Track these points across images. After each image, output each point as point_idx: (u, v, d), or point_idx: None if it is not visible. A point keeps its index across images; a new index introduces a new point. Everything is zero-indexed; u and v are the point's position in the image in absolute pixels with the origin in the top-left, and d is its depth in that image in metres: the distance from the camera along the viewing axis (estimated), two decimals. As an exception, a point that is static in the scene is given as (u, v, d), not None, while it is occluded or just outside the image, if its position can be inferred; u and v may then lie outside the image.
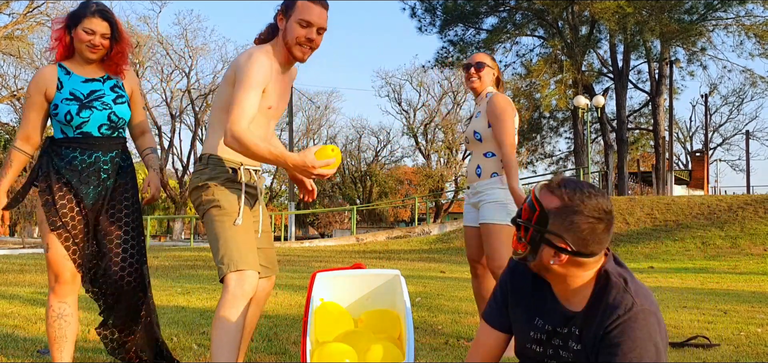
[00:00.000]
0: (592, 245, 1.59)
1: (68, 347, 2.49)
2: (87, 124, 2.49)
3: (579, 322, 1.65)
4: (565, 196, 1.59)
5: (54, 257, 2.45)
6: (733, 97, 39.94)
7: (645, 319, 1.54)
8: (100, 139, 2.52)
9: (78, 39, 2.48)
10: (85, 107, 2.48)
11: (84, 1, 2.51)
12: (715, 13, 22.03)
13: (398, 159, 42.36)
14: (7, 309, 4.73)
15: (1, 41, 25.75)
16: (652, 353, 1.52)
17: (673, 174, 24.81)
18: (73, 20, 2.49)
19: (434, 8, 25.05)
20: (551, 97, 23.62)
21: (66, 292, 2.48)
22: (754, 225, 14.37)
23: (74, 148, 2.49)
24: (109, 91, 2.56)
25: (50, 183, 2.48)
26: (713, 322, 4.36)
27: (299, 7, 2.40)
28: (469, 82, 3.42)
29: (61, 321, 2.48)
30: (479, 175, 3.34)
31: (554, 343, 1.70)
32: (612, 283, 1.62)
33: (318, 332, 2.67)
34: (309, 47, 2.42)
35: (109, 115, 2.52)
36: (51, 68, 2.52)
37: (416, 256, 14.51)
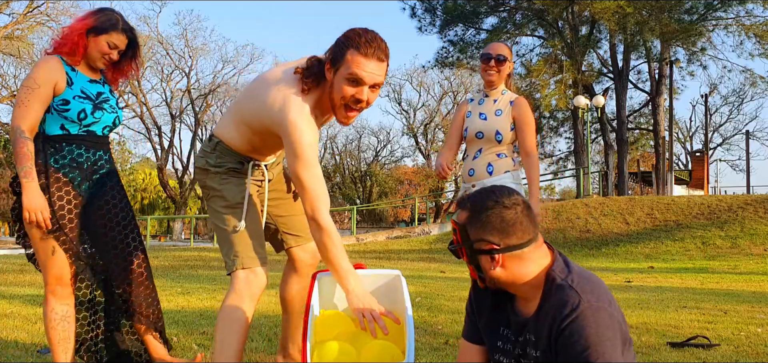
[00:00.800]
0: (516, 233, 1.65)
1: (70, 348, 2.50)
2: (95, 124, 2.52)
3: (531, 327, 1.67)
4: (468, 204, 1.71)
5: (58, 259, 2.43)
6: (733, 97, 39.96)
7: (594, 315, 1.54)
8: (102, 139, 2.57)
9: (97, 48, 2.48)
10: (97, 108, 2.51)
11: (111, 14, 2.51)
12: (715, 13, 22.04)
13: (398, 159, 42.39)
14: (7, 309, 4.73)
15: (1, 41, 25.75)
16: (607, 347, 1.51)
17: (673, 174, 24.80)
18: (97, 29, 2.47)
19: (434, 8, 25.05)
20: (551, 97, 23.62)
21: (67, 293, 2.48)
22: (754, 225, 14.38)
23: (79, 145, 2.49)
24: (110, 94, 2.61)
25: (48, 182, 2.42)
26: (713, 322, 4.36)
27: (348, 60, 2.03)
28: (488, 73, 3.31)
29: (65, 323, 2.46)
30: (490, 173, 3.27)
31: (516, 352, 1.72)
32: (557, 283, 1.64)
33: (318, 328, 2.67)
34: (357, 110, 2.08)
35: (114, 119, 2.60)
36: (57, 60, 2.45)
37: (416, 256, 14.52)
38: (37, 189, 2.34)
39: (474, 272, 1.75)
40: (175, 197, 34.49)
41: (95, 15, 2.50)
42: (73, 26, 2.49)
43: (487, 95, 3.36)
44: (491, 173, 3.27)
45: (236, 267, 2.26)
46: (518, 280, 1.67)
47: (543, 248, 1.71)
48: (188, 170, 35.99)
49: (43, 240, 2.42)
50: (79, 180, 2.48)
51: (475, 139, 3.31)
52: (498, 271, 1.67)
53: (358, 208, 29.17)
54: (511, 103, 3.30)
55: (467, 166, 3.36)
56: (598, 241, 15.29)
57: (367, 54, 2.01)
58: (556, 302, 1.60)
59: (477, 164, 3.31)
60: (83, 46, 2.47)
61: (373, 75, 2.03)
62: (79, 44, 2.46)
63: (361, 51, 2.02)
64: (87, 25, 2.48)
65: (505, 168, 3.27)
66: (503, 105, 3.30)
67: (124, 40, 2.54)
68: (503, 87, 3.36)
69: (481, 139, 3.29)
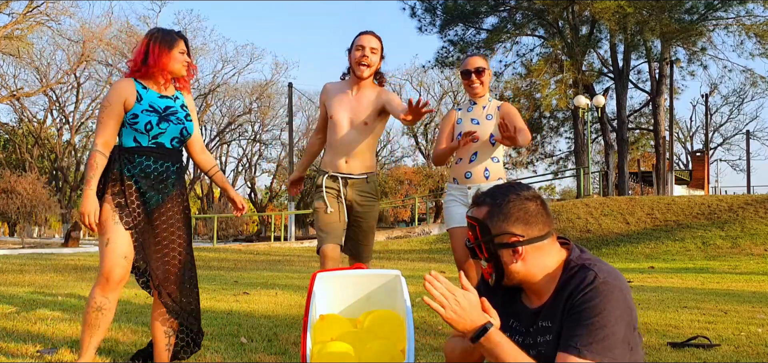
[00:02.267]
0: (536, 224, 1.67)
1: (99, 335, 2.68)
2: (162, 135, 2.74)
3: (545, 314, 1.68)
4: (488, 199, 1.71)
5: (111, 257, 2.62)
6: (734, 96, 39.98)
7: (607, 291, 1.56)
8: (171, 151, 2.78)
9: (175, 60, 2.76)
10: (163, 119, 2.74)
11: (165, 29, 2.80)
12: (716, 13, 22.04)
13: (398, 159, 42.39)
14: (7, 309, 4.73)
15: (1, 41, 25.74)
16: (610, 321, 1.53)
17: (673, 174, 24.80)
18: (168, 45, 2.75)
19: (434, 8, 25.05)
20: (551, 97, 23.62)
21: (111, 289, 2.65)
22: (755, 225, 14.37)
23: (148, 156, 2.72)
24: (180, 108, 2.82)
25: (124, 187, 2.69)
26: (713, 322, 4.36)
27: (354, 41, 3.35)
28: (472, 87, 3.49)
29: (99, 313, 2.65)
30: (487, 177, 3.44)
31: (526, 342, 1.73)
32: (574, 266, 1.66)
33: (318, 333, 2.67)
34: (365, 64, 3.27)
35: (182, 130, 2.79)
36: (129, 81, 2.74)
37: (416, 256, 14.52)
38: (92, 195, 2.65)
39: (488, 270, 1.74)
40: (175, 197, 34.45)
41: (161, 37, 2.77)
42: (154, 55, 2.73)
43: (475, 103, 3.54)
44: (488, 178, 3.45)
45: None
46: (536, 274, 1.68)
47: (557, 244, 1.73)
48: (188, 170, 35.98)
49: (104, 235, 2.65)
50: (146, 188, 2.70)
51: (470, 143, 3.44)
52: (519, 265, 1.67)
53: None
54: (499, 108, 3.51)
55: (463, 169, 3.49)
56: (598, 241, 15.29)
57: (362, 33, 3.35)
58: (575, 281, 1.62)
59: (474, 168, 3.45)
60: (165, 67, 2.75)
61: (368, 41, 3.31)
62: (162, 65, 2.74)
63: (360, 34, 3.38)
64: (163, 47, 2.75)
65: (498, 175, 3.47)
66: (492, 110, 3.49)
67: (184, 44, 2.81)
68: (488, 95, 3.55)
69: (476, 142, 3.43)
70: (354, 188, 3.36)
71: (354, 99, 3.34)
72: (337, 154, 3.35)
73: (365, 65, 3.27)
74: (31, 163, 34.62)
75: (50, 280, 7.65)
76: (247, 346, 3.44)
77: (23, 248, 19.05)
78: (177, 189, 2.80)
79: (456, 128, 3.54)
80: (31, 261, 11.12)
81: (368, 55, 3.26)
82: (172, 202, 2.77)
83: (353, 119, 3.32)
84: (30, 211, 27.22)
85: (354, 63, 3.29)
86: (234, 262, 13.01)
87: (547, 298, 1.69)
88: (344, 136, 3.33)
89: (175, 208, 2.78)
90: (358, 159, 3.36)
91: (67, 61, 31.60)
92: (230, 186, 3.06)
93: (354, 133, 3.32)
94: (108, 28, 30.88)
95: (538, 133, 29.20)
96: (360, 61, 3.26)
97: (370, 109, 3.32)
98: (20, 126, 36.13)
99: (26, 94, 32.16)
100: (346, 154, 3.33)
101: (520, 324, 1.76)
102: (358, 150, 3.34)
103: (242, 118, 39.71)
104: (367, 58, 3.26)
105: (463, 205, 3.46)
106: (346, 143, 3.33)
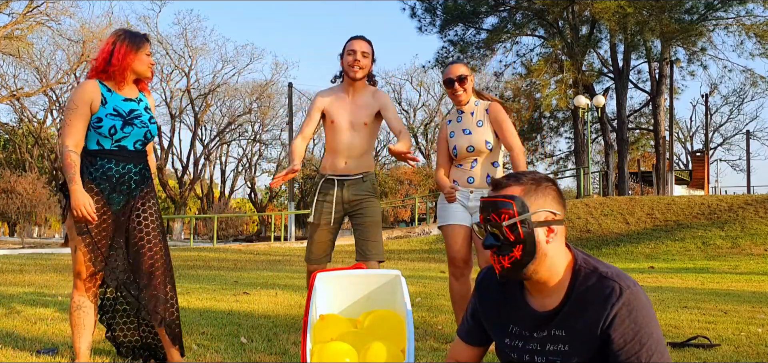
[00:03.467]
0: (562, 207, 1.70)
1: (86, 334, 2.79)
2: (126, 139, 2.78)
3: (559, 322, 1.64)
4: (522, 178, 1.69)
5: (79, 258, 2.73)
6: (734, 96, 39.98)
7: (637, 300, 1.58)
8: (133, 153, 2.81)
9: (141, 62, 2.80)
10: (127, 124, 2.77)
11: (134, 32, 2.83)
12: (716, 13, 22.03)
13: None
14: (7, 309, 4.73)
15: (1, 41, 25.74)
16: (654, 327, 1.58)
17: (673, 174, 24.80)
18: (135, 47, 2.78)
19: (434, 8, 25.05)
20: (551, 97, 23.62)
21: (85, 287, 2.77)
22: (755, 225, 14.37)
23: (110, 159, 2.76)
24: (144, 111, 2.86)
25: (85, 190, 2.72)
26: (714, 322, 4.36)
27: (346, 46, 3.50)
28: (456, 96, 3.48)
29: (80, 311, 2.78)
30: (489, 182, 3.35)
31: (530, 348, 1.70)
32: (587, 274, 1.64)
33: (318, 333, 2.67)
34: (357, 67, 3.43)
35: (145, 133, 2.83)
36: (94, 83, 2.77)
37: (416, 256, 14.52)
38: (81, 189, 2.68)
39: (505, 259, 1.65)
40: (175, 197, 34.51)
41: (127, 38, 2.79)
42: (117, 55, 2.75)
43: (463, 111, 3.53)
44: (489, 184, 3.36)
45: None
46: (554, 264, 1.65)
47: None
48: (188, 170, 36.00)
49: (72, 240, 2.75)
50: (108, 191, 2.75)
51: (467, 153, 3.46)
52: (550, 247, 1.64)
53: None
54: (487, 111, 3.49)
55: (465, 174, 3.49)
56: (598, 241, 15.29)
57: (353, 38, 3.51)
58: (596, 292, 1.60)
59: (476, 173, 3.46)
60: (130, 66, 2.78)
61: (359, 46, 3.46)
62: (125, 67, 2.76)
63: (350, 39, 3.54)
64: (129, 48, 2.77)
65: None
66: (481, 115, 3.48)
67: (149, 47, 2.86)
68: (473, 98, 3.54)
69: (473, 152, 3.45)
70: (350, 188, 3.49)
71: (352, 102, 3.49)
72: (337, 156, 3.49)
73: (358, 68, 3.43)
74: (31, 163, 34.63)
75: (50, 280, 7.65)
76: (247, 346, 3.44)
77: (23, 248, 19.05)
78: (143, 189, 2.84)
79: (450, 142, 3.53)
80: (31, 261, 11.12)
81: (360, 59, 3.42)
82: (138, 202, 2.80)
83: (353, 122, 3.46)
84: (30, 211, 27.22)
85: (347, 67, 3.46)
86: (234, 262, 13.01)
87: (557, 300, 1.66)
88: (345, 138, 3.46)
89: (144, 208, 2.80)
90: (358, 160, 3.50)
91: (67, 61, 31.60)
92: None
93: (354, 135, 3.47)
94: (108, 28, 30.87)
95: (538, 133, 29.20)
96: (353, 64, 3.43)
97: (368, 111, 3.49)
98: (20, 126, 36.14)
99: (26, 94, 32.16)
100: (346, 156, 3.47)
101: (521, 328, 1.72)
102: (358, 151, 3.48)
103: (242, 118, 39.72)
104: (359, 62, 3.42)
105: (463, 206, 3.45)
106: (347, 145, 3.47)
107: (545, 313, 1.67)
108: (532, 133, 28.70)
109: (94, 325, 2.83)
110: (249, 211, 44.97)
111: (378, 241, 3.51)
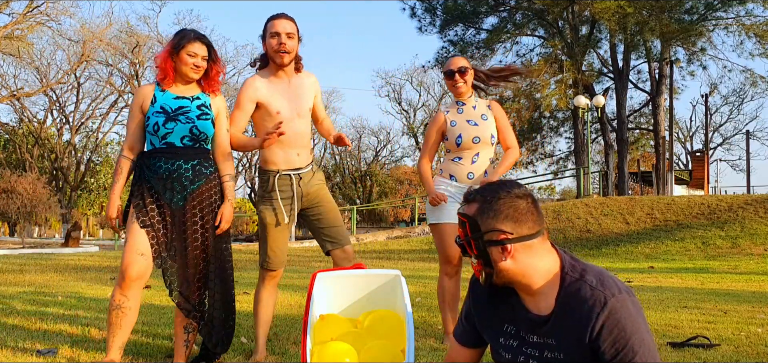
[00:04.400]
0: (526, 223, 1.65)
1: (121, 335, 2.73)
2: (171, 135, 2.79)
3: (550, 330, 1.65)
4: (478, 196, 1.70)
5: (128, 255, 2.70)
6: (734, 96, 39.96)
7: (623, 308, 1.56)
8: (182, 149, 2.81)
9: (182, 62, 2.82)
10: (170, 119, 2.79)
11: (183, 31, 2.88)
12: (715, 13, 22.02)
13: (398, 159, 42.37)
14: (7, 309, 4.73)
15: (1, 41, 25.73)
16: (643, 333, 1.56)
17: (673, 174, 24.79)
18: (175, 47, 2.83)
19: (434, 8, 25.05)
20: (551, 97, 23.61)
21: (129, 286, 2.71)
22: (755, 225, 14.37)
23: (159, 157, 2.80)
24: (195, 108, 2.85)
25: (142, 190, 2.79)
26: (713, 322, 4.36)
27: (267, 27, 3.09)
28: (456, 87, 3.51)
29: (119, 311, 2.71)
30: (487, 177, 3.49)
31: (526, 351, 1.70)
32: (574, 282, 1.63)
33: (318, 333, 2.67)
34: (283, 51, 3.03)
35: (191, 128, 2.81)
36: (150, 86, 2.88)
37: (416, 256, 14.52)
38: (114, 198, 2.84)
39: (479, 267, 1.71)
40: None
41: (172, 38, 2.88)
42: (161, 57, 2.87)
43: (464, 103, 3.56)
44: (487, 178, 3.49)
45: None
46: (527, 274, 1.65)
47: (548, 243, 1.71)
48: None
49: (122, 237, 2.82)
50: (161, 188, 2.78)
51: (472, 144, 3.48)
52: (508, 263, 1.64)
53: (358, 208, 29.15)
54: (489, 107, 3.58)
55: (465, 170, 3.50)
56: (598, 241, 15.28)
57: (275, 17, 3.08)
58: (580, 302, 1.59)
59: (476, 168, 3.49)
60: (171, 68, 2.84)
61: (283, 27, 3.04)
62: (167, 68, 2.84)
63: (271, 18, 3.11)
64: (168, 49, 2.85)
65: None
66: (485, 110, 3.55)
67: (202, 47, 2.85)
68: (474, 94, 3.61)
69: (478, 143, 3.47)
70: (304, 180, 3.14)
71: (291, 89, 3.12)
72: (288, 147, 3.10)
73: (284, 51, 3.04)
74: (31, 163, 34.61)
75: (50, 280, 7.65)
76: (247, 346, 3.44)
77: (23, 248, 19.05)
78: (199, 186, 2.82)
79: (450, 130, 3.51)
80: (31, 261, 11.12)
81: (285, 41, 3.03)
82: (195, 201, 2.81)
83: (297, 109, 3.11)
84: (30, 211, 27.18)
85: (272, 51, 3.06)
86: (234, 262, 13.01)
87: (549, 307, 1.66)
88: (295, 129, 3.09)
89: (198, 209, 2.81)
90: (306, 149, 3.17)
91: (67, 61, 31.61)
92: (229, 203, 2.93)
93: (301, 123, 3.12)
94: (108, 28, 30.88)
95: (538, 133, 29.18)
96: (278, 49, 3.03)
97: (309, 96, 3.18)
98: (20, 126, 36.12)
99: (26, 94, 32.15)
100: (297, 146, 3.12)
101: (517, 328, 1.73)
102: (306, 140, 3.17)
103: (242, 118, 39.63)
104: (284, 45, 3.03)
105: (459, 202, 3.46)
106: (296, 134, 3.10)
107: (539, 317, 1.68)
108: (532, 133, 28.68)
109: (131, 326, 2.77)
110: (249, 211, 44.96)
111: (343, 226, 3.24)
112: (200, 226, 2.81)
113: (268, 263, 3.13)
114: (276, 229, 3.11)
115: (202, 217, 2.82)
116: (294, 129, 3.08)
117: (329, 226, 3.18)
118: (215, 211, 2.87)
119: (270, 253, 3.12)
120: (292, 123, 3.07)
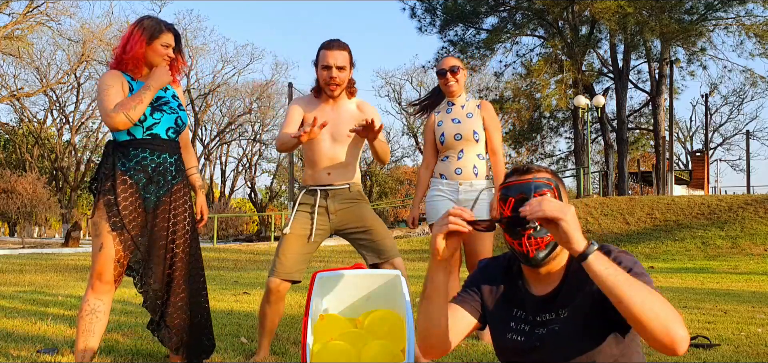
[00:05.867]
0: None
1: (93, 340, 2.58)
2: (157, 126, 2.63)
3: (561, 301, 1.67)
4: (543, 168, 1.74)
5: (103, 257, 2.53)
6: (734, 96, 39.97)
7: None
8: (167, 142, 2.67)
9: (156, 52, 2.66)
10: (156, 110, 2.64)
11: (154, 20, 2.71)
12: (715, 13, 22.03)
13: (398, 159, 42.37)
14: (7, 309, 4.73)
15: (1, 41, 25.74)
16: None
17: (673, 174, 24.80)
18: (151, 38, 2.65)
19: (434, 8, 25.05)
20: (551, 97, 23.61)
21: (104, 290, 2.57)
22: (755, 225, 14.37)
23: (144, 148, 2.61)
24: (172, 98, 2.74)
25: (114, 183, 2.57)
26: (713, 322, 4.36)
27: (319, 56, 3.07)
28: (448, 86, 3.59)
29: (93, 316, 2.56)
30: (476, 174, 3.53)
31: (538, 332, 1.70)
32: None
33: (318, 333, 2.67)
34: (334, 84, 3.03)
35: (176, 119, 2.70)
36: (117, 72, 2.64)
37: (416, 256, 14.51)
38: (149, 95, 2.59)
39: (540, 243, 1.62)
40: (175, 197, 34.41)
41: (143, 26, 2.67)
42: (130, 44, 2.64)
43: (453, 103, 3.63)
44: (477, 175, 3.54)
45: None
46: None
47: None
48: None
49: (97, 237, 2.55)
50: (144, 182, 2.60)
51: (454, 141, 3.54)
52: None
53: (358, 208, 29.02)
54: (478, 106, 3.62)
55: (452, 166, 3.56)
56: (598, 241, 15.26)
57: (328, 48, 3.04)
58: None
59: (463, 164, 3.54)
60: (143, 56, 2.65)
61: (335, 59, 3.00)
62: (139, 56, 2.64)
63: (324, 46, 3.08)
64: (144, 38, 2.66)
65: (485, 173, 3.57)
66: (472, 108, 3.60)
67: (172, 37, 2.71)
68: (465, 94, 3.66)
69: (460, 140, 3.53)
70: (336, 198, 3.11)
71: (333, 112, 3.09)
72: (318, 168, 3.11)
73: (335, 85, 3.03)
74: (31, 163, 34.62)
75: (50, 280, 7.65)
76: (247, 346, 3.44)
77: (23, 248, 19.05)
78: (178, 183, 2.69)
79: (437, 130, 3.61)
80: (31, 261, 11.12)
81: (336, 75, 3.00)
82: (173, 197, 2.67)
83: (334, 133, 3.07)
84: (30, 211, 27.22)
85: (322, 83, 3.05)
86: (234, 262, 13.01)
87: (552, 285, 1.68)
88: (326, 150, 3.08)
89: (178, 206, 2.68)
90: (340, 170, 3.13)
91: (67, 61, 31.63)
92: (202, 193, 2.90)
93: (336, 147, 3.09)
94: (108, 28, 30.89)
95: (537, 133, 29.18)
96: (328, 82, 3.02)
97: (351, 123, 3.09)
98: (20, 126, 36.14)
99: (26, 94, 32.16)
100: (328, 167, 3.11)
101: (525, 313, 1.74)
102: (340, 163, 3.11)
103: (242, 118, 39.74)
104: (335, 79, 3.01)
105: (452, 201, 3.50)
106: (328, 157, 3.09)
107: (545, 295, 1.70)
108: (532, 133, 28.69)
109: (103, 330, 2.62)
110: (249, 211, 44.96)
111: (389, 237, 3.14)
112: (171, 225, 2.66)
113: (275, 269, 3.06)
114: (290, 236, 3.07)
115: (176, 216, 2.67)
116: (324, 150, 3.06)
117: (379, 238, 3.09)
118: (188, 209, 2.73)
119: (280, 257, 3.07)
120: (324, 143, 3.05)
